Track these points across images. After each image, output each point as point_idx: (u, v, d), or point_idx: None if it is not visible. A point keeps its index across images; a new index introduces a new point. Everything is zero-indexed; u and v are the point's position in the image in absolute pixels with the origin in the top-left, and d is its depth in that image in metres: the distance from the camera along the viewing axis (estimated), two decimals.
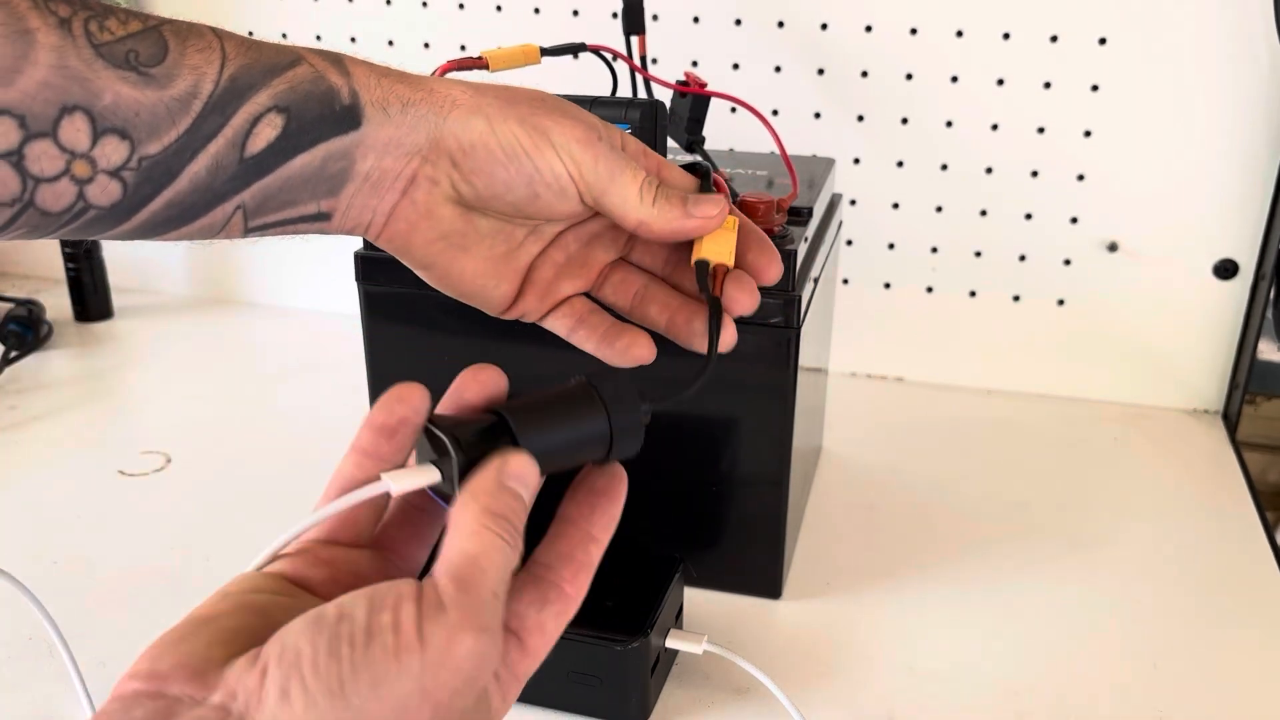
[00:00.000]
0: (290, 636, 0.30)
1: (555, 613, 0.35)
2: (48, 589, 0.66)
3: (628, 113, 0.56)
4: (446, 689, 0.30)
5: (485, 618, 0.31)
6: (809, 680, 0.59)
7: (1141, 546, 0.71)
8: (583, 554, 0.36)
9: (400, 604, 0.30)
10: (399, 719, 0.30)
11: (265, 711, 0.29)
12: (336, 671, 0.29)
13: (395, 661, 0.29)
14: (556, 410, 0.36)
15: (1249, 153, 0.80)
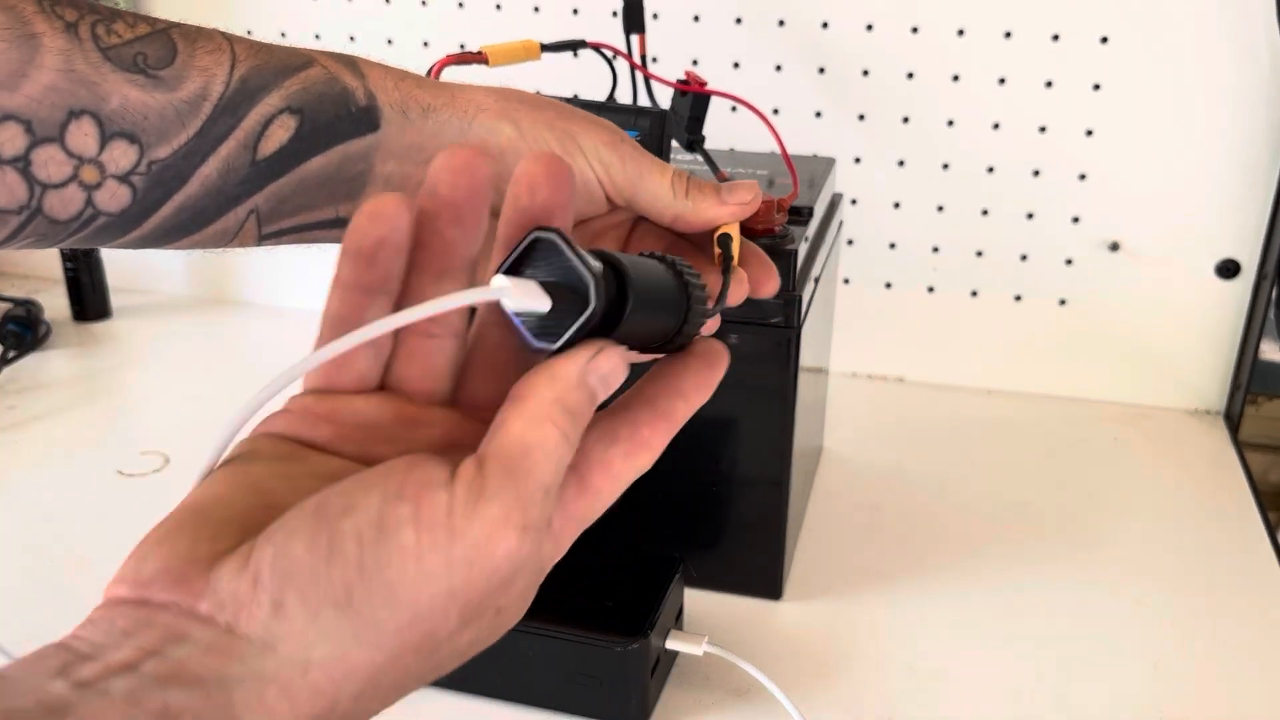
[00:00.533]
0: (285, 536, 0.26)
1: (625, 453, 0.31)
2: (47, 589, 0.66)
3: (637, 120, 0.56)
4: (479, 590, 0.26)
5: (533, 514, 0.27)
6: (810, 681, 0.58)
7: (1143, 547, 0.71)
8: (666, 403, 0.32)
9: (423, 491, 0.26)
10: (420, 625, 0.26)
11: (257, 625, 0.25)
12: (341, 578, 0.25)
13: (416, 562, 0.25)
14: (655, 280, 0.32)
15: (1251, 152, 0.80)
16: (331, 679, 0.26)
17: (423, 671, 0.28)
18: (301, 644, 0.25)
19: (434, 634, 0.27)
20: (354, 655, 0.26)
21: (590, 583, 0.57)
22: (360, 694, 0.26)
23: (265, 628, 0.25)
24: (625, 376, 0.30)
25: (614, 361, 0.30)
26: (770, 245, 0.57)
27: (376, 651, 0.26)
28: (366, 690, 0.26)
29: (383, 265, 0.30)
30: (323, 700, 0.26)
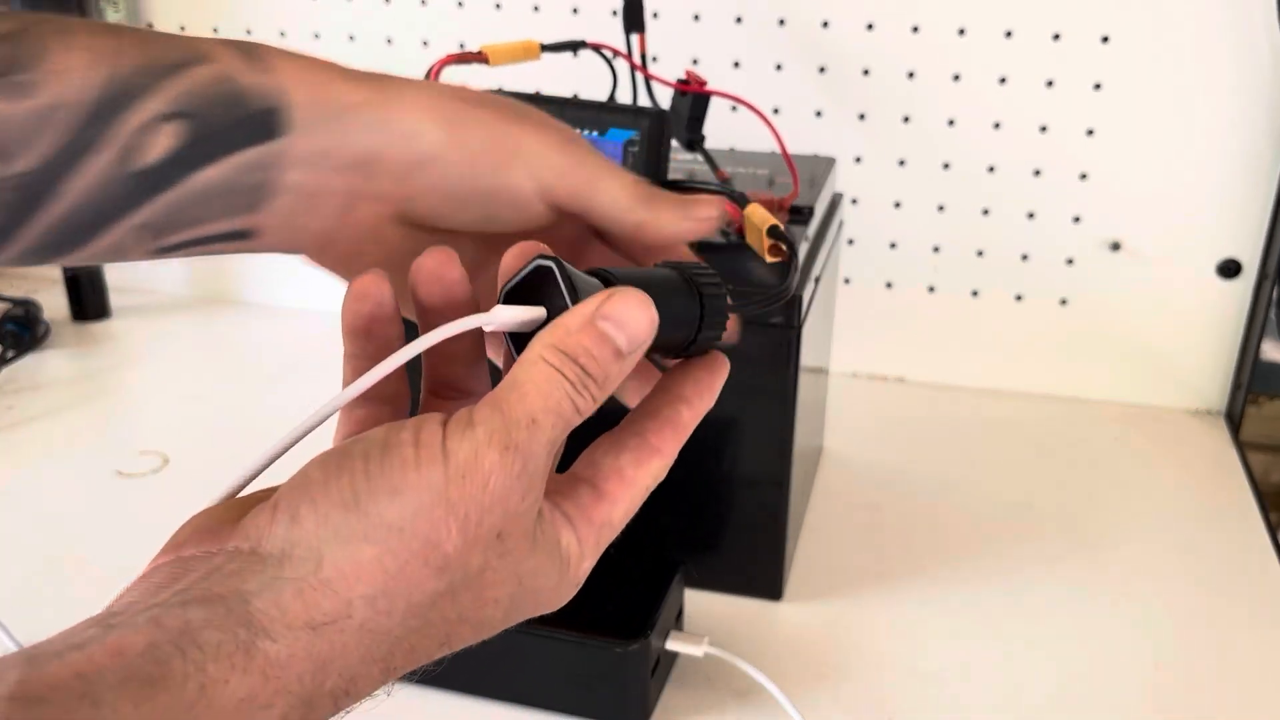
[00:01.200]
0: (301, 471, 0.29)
1: (635, 459, 0.32)
2: (45, 589, 0.66)
3: (636, 120, 0.56)
4: (474, 503, 0.28)
5: (516, 436, 0.28)
6: (810, 682, 0.58)
7: (1144, 547, 0.71)
8: (670, 410, 0.33)
9: (423, 424, 0.29)
10: (421, 527, 0.28)
11: (276, 538, 0.28)
12: (350, 483, 0.28)
13: (415, 470, 0.28)
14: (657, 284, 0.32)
15: (1252, 152, 0.80)
16: (343, 575, 0.27)
17: (434, 592, 0.28)
18: (313, 545, 0.27)
19: (437, 544, 0.28)
20: (363, 551, 0.27)
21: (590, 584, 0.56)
22: (374, 600, 0.27)
23: (283, 539, 0.28)
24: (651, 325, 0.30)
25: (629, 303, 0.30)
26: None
27: (384, 550, 0.27)
28: (379, 598, 0.27)
29: (379, 335, 0.33)
30: (336, 600, 0.27)
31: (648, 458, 0.33)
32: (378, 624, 0.28)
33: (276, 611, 0.26)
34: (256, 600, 0.26)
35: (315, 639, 0.27)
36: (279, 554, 0.27)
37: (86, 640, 0.25)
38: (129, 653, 0.24)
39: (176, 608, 0.26)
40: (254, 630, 0.26)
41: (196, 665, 0.25)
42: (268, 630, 0.26)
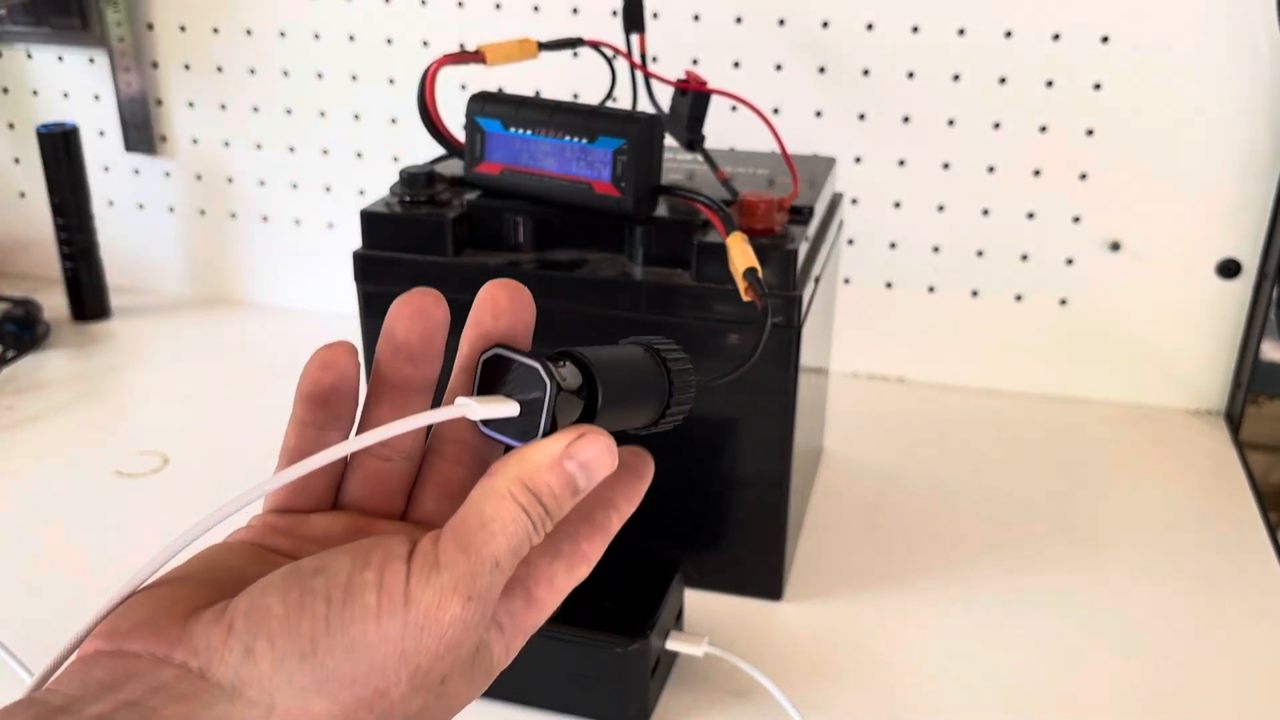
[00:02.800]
0: (259, 592, 0.28)
1: (566, 567, 0.33)
2: (45, 589, 0.66)
3: (625, 128, 0.56)
4: (428, 655, 0.28)
5: (480, 584, 0.28)
6: (810, 682, 0.58)
7: (1143, 547, 0.71)
8: (602, 516, 0.34)
9: (387, 562, 0.28)
10: (374, 680, 0.28)
11: (228, 668, 0.27)
12: (309, 630, 0.27)
13: (375, 623, 0.27)
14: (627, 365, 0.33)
15: (1252, 152, 0.80)
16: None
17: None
18: (267, 689, 0.27)
19: (386, 694, 0.28)
20: (314, 705, 0.27)
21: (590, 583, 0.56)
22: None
23: (235, 672, 0.27)
24: (612, 465, 0.31)
25: (597, 448, 0.30)
26: (771, 245, 0.57)
27: (334, 704, 0.28)
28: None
29: (334, 407, 0.33)
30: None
31: (577, 564, 0.33)
32: None
33: None
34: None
35: None
36: (229, 687, 0.27)
37: None
38: None
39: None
40: None
41: None
42: None
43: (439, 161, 0.67)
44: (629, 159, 0.56)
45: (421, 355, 0.33)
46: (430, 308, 0.33)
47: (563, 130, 0.57)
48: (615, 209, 0.57)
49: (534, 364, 0.30)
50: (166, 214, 1.07)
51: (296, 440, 0.34)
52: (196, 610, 0.29)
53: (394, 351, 0.33)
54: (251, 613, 0.28)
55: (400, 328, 0.33)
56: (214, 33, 0.98)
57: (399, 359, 0.33)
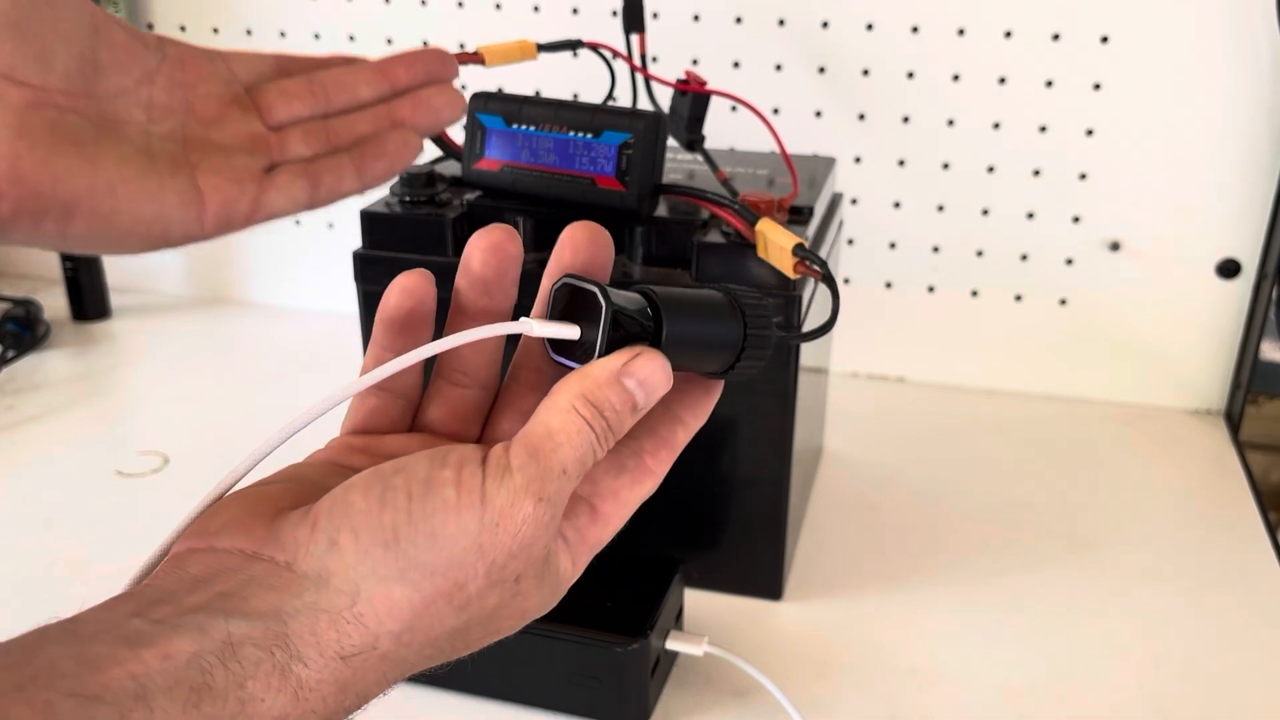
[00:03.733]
0: (342, 491, 0.30)
1: (631, 481, 0.34)
2: (45, 589, 0.66)
3: (631, 123, 0.56)
4: (503, 550, 0.30)
5: (550, 488, 0.30)
6: (810, 682, 0.58)
7: (1143, 546, 0.71)
8: (667, 431, 0.35)
9: (464, 464, 0.30)
10: (453, 572, 0.29)
11: (314, 560, 0.29)
12: (391, 521, 0.29)
13: (455, 516, 0.29)
14: (698, 306, 0.34)
15: (1252, 151, 0.80)
16: (375, 612, 0.29)
17: (452, 628, 0.30)
18: (351, 577, 0.29)
19: (464, 585, 0.30)
20: (395, 591, 0.29)
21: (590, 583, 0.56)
22: (399, 635, 0.29)
23: (320, 563, 0.29)
24: (668, 384, 0.32)
25: (653, 366, 0.32)
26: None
27: (415, 591, 0.29)
28: (404, 633, 0.29)
29: (411, 332, 0.35)
30: (365, 634, 0.29)
31: (643, 478, 0.34)
32: (399, 655, 0.30)
33: (311, 637, 0.28)
34: (293, 622, 0.28)
35: (343, 667, 0.28)
36: (315, 576, 0.29)
37: (134, 636, 0.26)
38: (177, 659, 0.26)
39: (220, 617, 0.27)
40: (290, 653, 0.27)
41: (237, 680, 0.26)
42: (302, 655, 0.28)
43: (439, 161, 0.68)
44: (634, 154, 0.56)
45: (496, 286, 0.35)
46: (505, 242, 0.34)
47: (567, 125, 0.57)
48: (619, 205, 0.57)
49: (592, 287, 0.32)
50: None
51: (374, 364, 0.35)
52: (282, 511, 0.30)
53: (471, 283, 0.35)
54: (335, 508, 0.29)
55: (476, 259, 0.35)
56: (214, 33, 0.98)
57: (475, 290, 0.35)
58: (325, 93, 0.43)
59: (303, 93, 0.43)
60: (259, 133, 0.41)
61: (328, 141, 0.42)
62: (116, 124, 0.38)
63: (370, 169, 0.42)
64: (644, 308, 0.33)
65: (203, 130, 0.40)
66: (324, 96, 0.43)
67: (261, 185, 0.40)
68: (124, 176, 0.37)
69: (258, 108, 0.42)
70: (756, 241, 0.54)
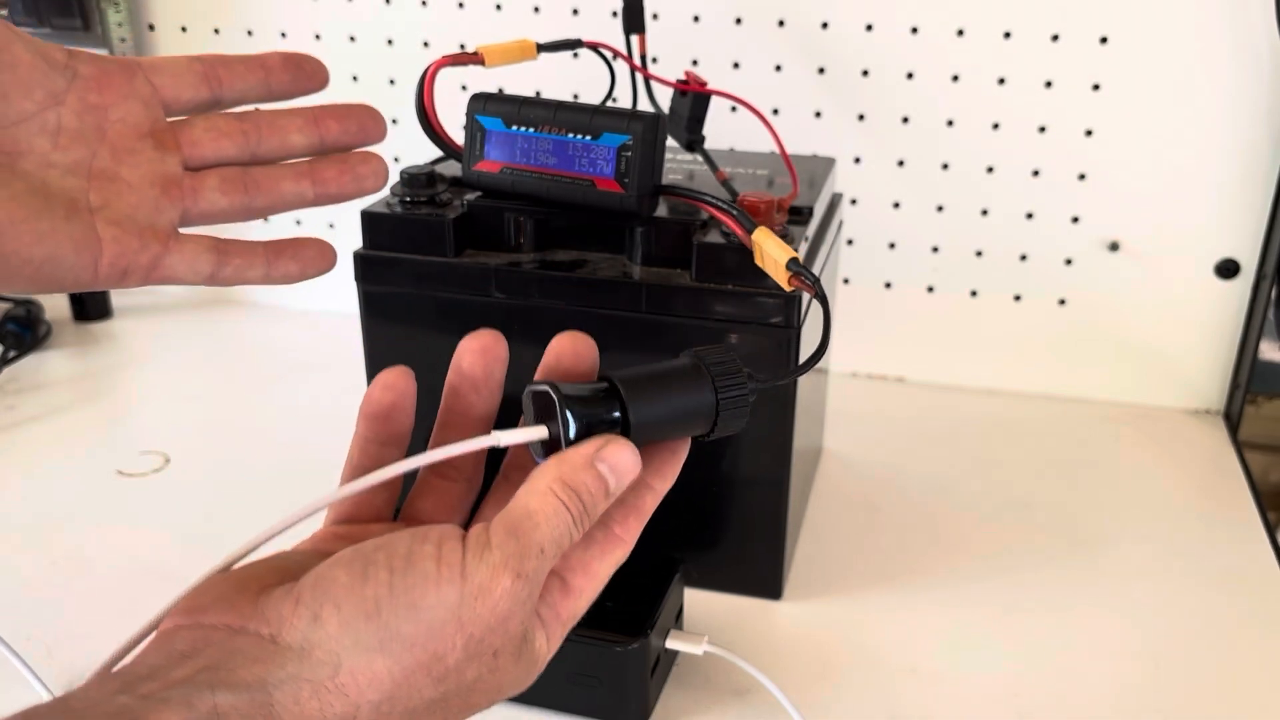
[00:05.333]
0: (326, 568, 0.31)
1: (601, 552, 0.35)
2: (46, 589, 0.66)
3: (629, 125, 0.56)
4: (481, 624, 0.30)
5: (528, 565, 0.31)
6: (810, 681, 0.58)
7: (1142, 546, 0.71)
8: (635, 499, 0.36)
9: (444, 539, 0.31)
10: (431, 644, 0.30)
11: (297, 633, 0.30)
12: (373, 594, 0.30)
13: (435, 587, 0.30)
14: (665, 382, 0.36)
15: (1251, 152, 0.80)
16: (356, 683, 0.29)
17: (430, 699, 0.31)
18: (333, 649, 0.29)
19: (443, 658, 0.30)
20: (376, 662, 0.30)
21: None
22: (378, 705, 0.30)
23: (304, 636, 0.30)
24: (637, 469, 0.34)
25: (622, 453, 0.34)
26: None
27: (395, 663, 0.30)
28: (384, 703, 0.30)
29: (394, 424, 0.37)
30: (346, 703, 0.29)
31: (612, 548, 0.36)
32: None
33: (295, 706, 0.29)
34: (277, 693, 0.29)
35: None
36: (299, 648, 0.29)
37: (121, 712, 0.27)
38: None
39: (206, 690, 0.28)
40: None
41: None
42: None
43: (439, 162, 0.68)
44: (633, 155, 0.56)
45: (484, 384, 0.37)
46: (492, 344, 0.37)
47: (566, 127, 0.57)
48: (618, 206, 0.57)
49: (544, 387, 0.34)
50: None
51: (360, 456, 0.37)
52: (267, 589, 0.31)
53: (460, 379, 0.37)
54: (319, 584, 0.30)
55: (466, 360, 0.37)
56: (215, 33, 0.98)
57: (465, 386, 0.37)
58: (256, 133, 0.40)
59: (231, 131, 0.40)
60: (173, 174, 0.38)
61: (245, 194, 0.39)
62: (14, 155, 0.35)
63: (282, 268, 0.41)
64: (607, 395, 0.35)
65: (113, 163, 0.37)
66: (254, 136, 0.40)
67: (166, 245, 0.37)
68: (13, 217, 0.34)
69: (178, 142, 0.38)
70: (755, 251, 0.54)
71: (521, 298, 0.59)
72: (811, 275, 0.49)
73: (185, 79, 0.39)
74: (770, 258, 0.52)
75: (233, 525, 0.71)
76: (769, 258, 0.53)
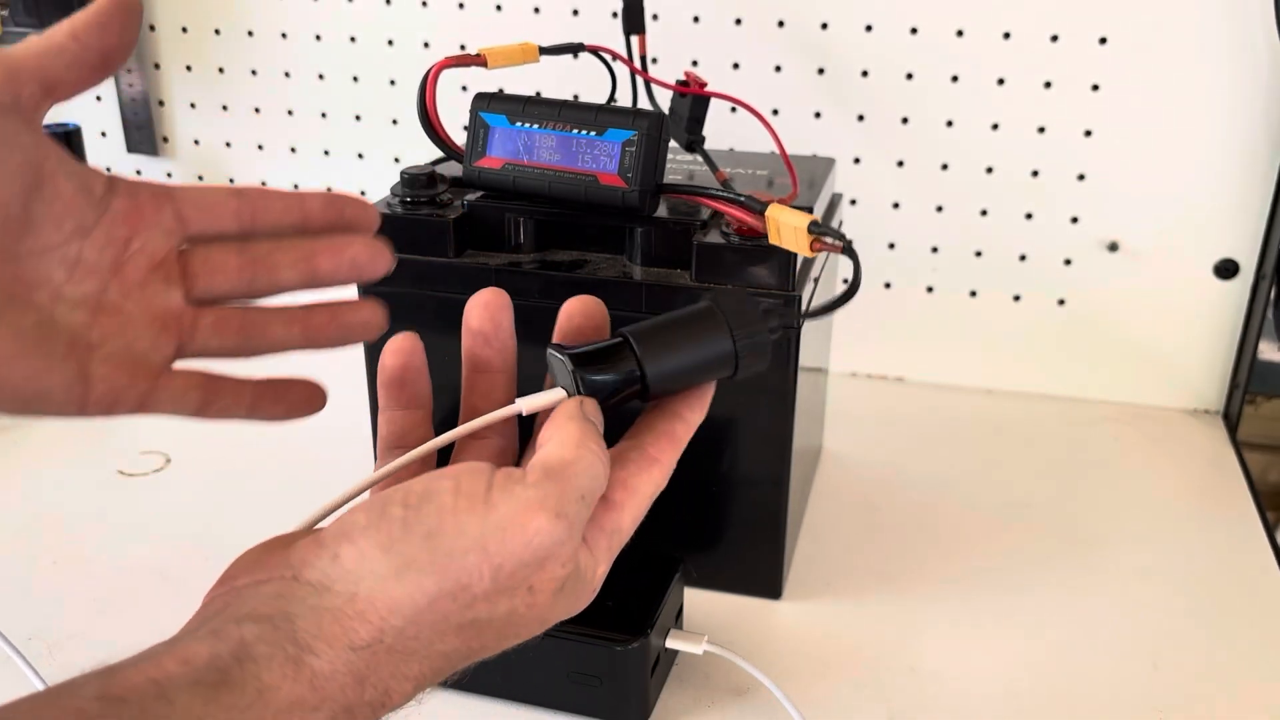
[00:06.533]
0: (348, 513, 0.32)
1: (637, 469, 0.36)
2: (47, 589, 0.66)
3: (635, 122, 0.56)
4: (513, 558, 0.31)
5: (567, 506, 0.31)
6: (809, 680, 0.59)
7: (1142, 546, 0.71)
8: (666, 425, 0.38)
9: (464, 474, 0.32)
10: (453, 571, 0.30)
11: (317, 571, 0.31)
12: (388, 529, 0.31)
13: (452, 516, 0.31)
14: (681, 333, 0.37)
15: (1250, 152, 0.80)
16: (376, 609, 0.30)
17: (460, 625, 0.32)
18: (351, 580, 0.31)
19: (468, 586, 0.31)
20: (394, 590, 0.30)
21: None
22: (403, 630, 0.31)
23: (323, 573, 0.31)
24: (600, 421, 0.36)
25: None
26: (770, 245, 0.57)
27: (415, 589, 0.30)
28: (409, 627, 0.31)
29: (411, 387, 0.39)
30: (369, 628, 0.30)
31: (648, 466, 0.36)
32: (407, 647, 0.31)
33: (318, 631, 0.30)
34: (300, 621, 0.30)
35: (354, 658, 0.30)
36: (319, 585, 0.31)
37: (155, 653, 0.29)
38: (194, 661, 0.28)
39: (232, 624, 0.30)
40: (300, 646, 0.29)
41: (253, 674, 0.28)
42: (312, 648, 0.30)
43: (440, 162, 0.68)
44: (637, 150, 0.56)
45: (494, 336, 0.39)
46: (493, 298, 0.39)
47: (571, 124, 0.57)
48: (620, 202, 0.57)
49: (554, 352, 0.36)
50: None
51: (387, 428, 0.39)
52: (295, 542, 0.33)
53: (474, 338, 0.39)
54: (339, 526, 0.32)
55: (474, 318, 0.39)
56: (216, 34, 0.98)
57: (478, 343, 0.39)
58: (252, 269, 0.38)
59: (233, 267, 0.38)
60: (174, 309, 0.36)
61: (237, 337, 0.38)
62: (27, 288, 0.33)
63: (266, 409, 0.40)
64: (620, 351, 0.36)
65: (120, 297, 0.35)
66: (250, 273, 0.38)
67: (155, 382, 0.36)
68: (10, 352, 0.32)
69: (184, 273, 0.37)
70: (768, 228, 0.54)
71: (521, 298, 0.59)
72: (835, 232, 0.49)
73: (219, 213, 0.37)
74: (788, 226, 0.52)
75: (233, 525, 0.71)
76: (786, 228, 0.52)
